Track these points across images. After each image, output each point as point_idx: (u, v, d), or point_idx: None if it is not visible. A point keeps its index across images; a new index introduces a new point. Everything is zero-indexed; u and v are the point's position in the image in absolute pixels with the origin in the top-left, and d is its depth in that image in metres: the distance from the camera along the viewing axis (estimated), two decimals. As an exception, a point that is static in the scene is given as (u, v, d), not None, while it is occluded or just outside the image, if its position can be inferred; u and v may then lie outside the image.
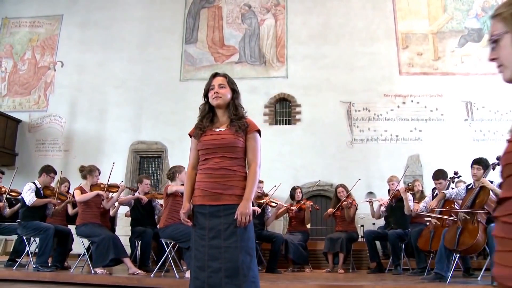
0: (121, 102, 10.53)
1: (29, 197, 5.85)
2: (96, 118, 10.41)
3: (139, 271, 5.60)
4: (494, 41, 1.21)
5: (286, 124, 10.25)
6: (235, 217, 2.52)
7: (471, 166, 5.21)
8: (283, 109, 10.38)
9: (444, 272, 4.78)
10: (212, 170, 2.62)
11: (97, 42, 11.04)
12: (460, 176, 6.02)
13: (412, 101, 9.75)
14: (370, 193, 9.00)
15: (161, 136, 10.12)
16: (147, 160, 10.43)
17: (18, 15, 11.73)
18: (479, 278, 5.04)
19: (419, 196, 6.66)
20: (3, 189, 6.68)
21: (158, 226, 6.22)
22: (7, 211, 6.62)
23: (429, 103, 9.71)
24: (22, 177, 8.34)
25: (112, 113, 10.46)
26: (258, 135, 2.76)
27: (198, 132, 2.74)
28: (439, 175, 5.97)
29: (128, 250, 6.98)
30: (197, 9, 11.07)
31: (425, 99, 9.74)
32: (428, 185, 7.85)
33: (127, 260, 5.65)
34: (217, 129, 2.70)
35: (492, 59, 1.23)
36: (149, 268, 6.08)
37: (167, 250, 5.57)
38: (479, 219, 4.69)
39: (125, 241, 7.37)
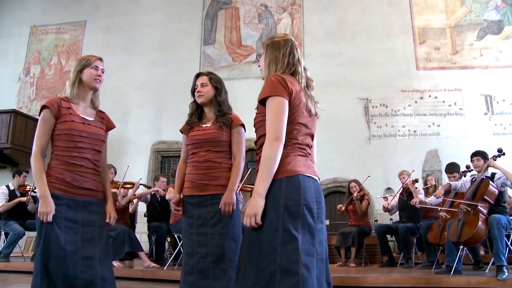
0: (142, 103, 10.83)
1: None
2: (119, 119, 10.65)
3: (154, 265, 5.83)
4: None
5: (304, 121, 10.32)
6: (219, 206, 2.69)
7: (471, 160, 5.28)
8: (301, 107, 10.45)
9: (456, 263, 4.84)
10: (199, 163, 2.81)
11: (118, 46, 11.37)
12: (472, 170, 6.01)
13: (430, 96, 9.72)
14: (388, 189, 9.02)
15: (181, 136, 10.29)
16: (168, 160, 10.68)
17: (45, 22, 12.19)
18: (486, 271, 5.08)
19: (433, 191, 6.67)
20: (28, 187, 7.09)
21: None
22: (32, 206, 6.98)
23: (447, 98, 9.65)
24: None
25: (134, 114, 10.76)
26: (242, 129, 2.94)
27: (187, 128, 2.93)
28: (453, 168, 6.02)
29: (147, 245, 7.27)
30: (214, 11, 11.28)
31: (443, 93, 9.68)
32: (447, 180, 7.83)
33: (142, 254, 5.90)
34: (204, 125, 2.89)
35: None
36: (164, 261, 6.31)
37: (180, 244, 5.78)
38: (480, 210, 4.74)
39: (145, 238, 7.66)
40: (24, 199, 7.03)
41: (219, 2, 11.32)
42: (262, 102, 2.04)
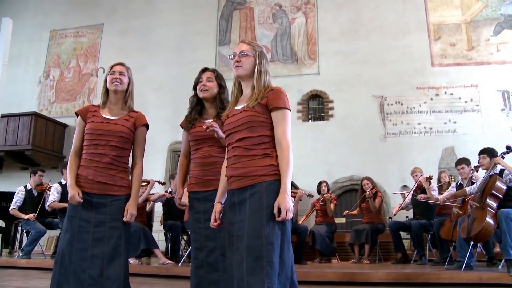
0: (159, 104, 10.98)
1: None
2: (136, 121, 10.88)
3: (169, 261, 5.94)
4: None
5: (319, 120, 10.37)
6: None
7: (478, 157, 5.27)
8: (316, 106, 10.51)
9: (467, 259, 4.82)
10: (202, 159, 2.87)
11: (135, 48, 11.56)
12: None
13: (445, 92, 9.64)
14: (405, 186, 8.94)
15: (198, 136, 10.45)
16: (185, 159, 10.80)
17: (64, 26, 12.47)
18: (500, 267, 5.04)
19: (446, 188, 6.65)
20: (45, 185, 7.35)
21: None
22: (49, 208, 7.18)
23: (464, 94, 9.56)
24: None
25: (151, 115, 10.71)
26: None
27: (188, 125, 2.98)
28: (461, 161, 6.01)
29: (164, 243, 7.40)
30: (229, 11, 11.38)
31: (459, 90, 9.59)
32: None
33: (157, 251, 6.02)
34: (205, 121, 2.92)
35: None
36: (179, 258, 6.43)
37: (193, 241, 5.87)
38: (489, 205, 4.74)
39: (162, 236, 7.79)
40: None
41: (234, 3, 11.42)
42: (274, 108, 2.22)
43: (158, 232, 8.24)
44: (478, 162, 5.32)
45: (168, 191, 7.25)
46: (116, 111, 2.95)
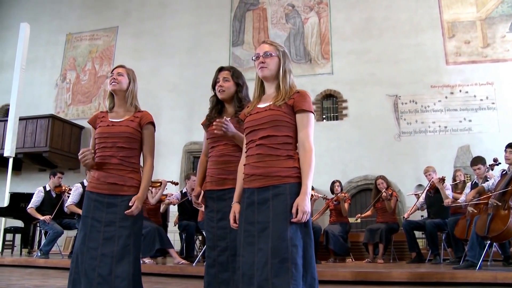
0: (173, 105, 11.09)
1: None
2: (151, 122, 10.96)
3: (183, 261, 6.00)
4: None
5: (333, 120, 10.37)
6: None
7: (505, 150, 5.16)
8: (330, 105, 10.50)
9: (476, 259, 4.77)
10: (217, 157, 2.89)
11: (149, 50, 11.69)
12: (500, 163, 5.91)
13: (460, 91, 9.56)
14: (419, 185, 8.92)
15: (213, 136, 10.52)
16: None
17: (80, 30, 12.66)
18: (516, 266, 4.99)
19: (461, 187, 6.60)
20: (63, 187, 7.46)
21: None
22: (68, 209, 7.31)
23: (479, 92, 9.46)
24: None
25: (166, 116, 11.01)
26: None
27: (206, 123, 3.02)
28: (477, 160, 5.93)
29: (179, 243, 7.47)
30: (242, 12, 11.43)
31: (475, 88, 9.50)
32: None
33: (172, 251, 6.09)
34: (224, 119, 2.94)
35: None
36: (194, 258, 6.49)
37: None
38: (511, 205, 4.64)
39: (178, 236, 7.86)
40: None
41: (247, 4, 11.46)
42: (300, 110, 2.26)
43: (173, 232, 8.31)
44: (505, 156, 5.20)
45: (183, 192, 7.32)
46: (121, 113, 3.01)
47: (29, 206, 7.39)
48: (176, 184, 7.33)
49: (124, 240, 2.78)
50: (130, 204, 2.82)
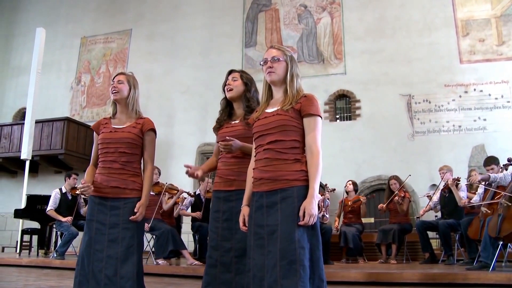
0: (187, 107, 11.17)
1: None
2: (165, 123, 11.05)
3: (196, 262, 6.05)
4: None
5: (346, 120, 10.34)
6: None
7: None
8: (343, 105, 10.48)
9: (490, 260, 4.73)
10: (226, 159, 2.92)
11: (163, 52, 11.80)
12: (514, 163, 5.84)
13: (475, 89, 9.45)
14: (433, 185, 8.84)
15: (227, 138, 10.56)
16: (213, 161, 10.94)
17: (94, 33, 12.83)
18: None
19: (476, 187, 6.52)
20: (78, 190, 7.53)
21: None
22: (84, 210, 7.43)
23: (494, 91, 9.35)
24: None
25: (179, 118, 11.10)
26: None
27: (216, 126, 3.06)
28: (490, 161, 5.87)
29: (193, 244, 7.53)
30: (255, 13, 11.46)
31: (489, 86, 9.39)
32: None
33: (185, 252, 6.15)
34: (233, 122, 2.98)
35: None
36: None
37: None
38: (523, 206, 4.61)
39: (192, 238, 7.92)
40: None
41: (259, 5, 11.49)
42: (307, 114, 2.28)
43: (187, 233, 8.38)
44: None
45: (197, 193, 7.37)
46: (124, 119, 3.10)
47: (48, 208, 7.50)
48: (192, 196, 7.34)
49: (128, 241, 2.87)
50: (135, 210, 2.90)
